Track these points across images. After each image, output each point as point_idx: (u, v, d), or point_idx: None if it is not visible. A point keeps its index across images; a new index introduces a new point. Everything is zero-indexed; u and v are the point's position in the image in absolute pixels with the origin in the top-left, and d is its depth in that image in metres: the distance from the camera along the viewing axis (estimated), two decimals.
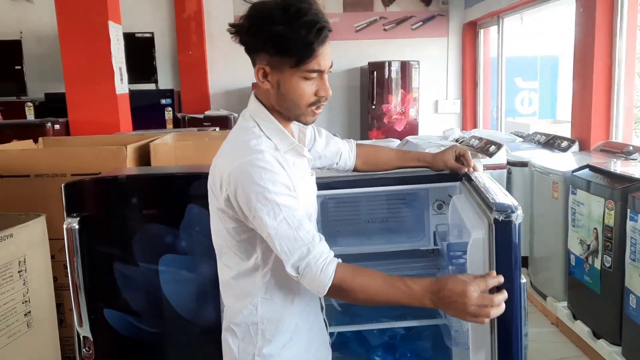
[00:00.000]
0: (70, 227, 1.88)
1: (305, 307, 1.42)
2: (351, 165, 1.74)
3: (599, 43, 3.90)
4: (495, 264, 1.28)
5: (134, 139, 2.92)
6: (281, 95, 1.31)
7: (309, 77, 1.29)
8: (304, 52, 1.25)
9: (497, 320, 1.28)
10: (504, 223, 1.26)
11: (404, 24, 7.22)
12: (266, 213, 1.23)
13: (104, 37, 3.89)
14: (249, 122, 1.36)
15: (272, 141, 1.32)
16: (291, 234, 1.24)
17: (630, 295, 2.54)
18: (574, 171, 3.14)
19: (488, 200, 1.35)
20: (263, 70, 1.30)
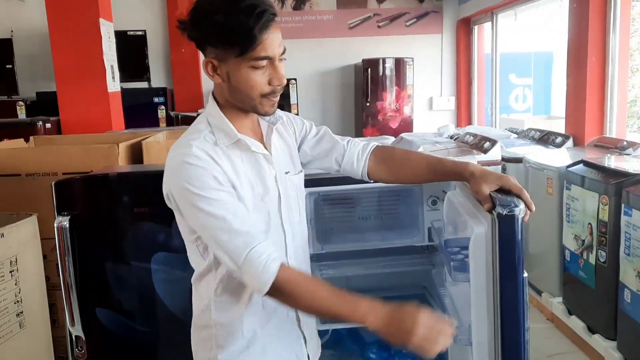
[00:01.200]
0: (61, 226, 1.86)
1: (266, 317, 1.35)
2: (360, 169, 1.51)
3: (592, 39, 3.91)
4: (498, 259, 1.27)
5: (126, 138, 2.90)
6: (232, 88, 1.26)
7: (258, 65, 1.22)
8: (245, 39, 1.18)
9: (501, 314, 1.28)
10: (507, 217, 1.25)
11: (397, 21, 7.21)
12: (196, 207, 1.19)
13: (95, 34, 3.86)
14: (199, 119, 1.33)
15: (215, 136, 1.27)
16: (225, 225, 1.19)
17: (625, 290, 2.54)
18: (569, 167, 3.14)
19: (490, 195, 1.34)
20: (211, 64, 1.25)
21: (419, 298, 2.25)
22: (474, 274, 1.35)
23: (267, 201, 1.32)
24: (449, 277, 1.78)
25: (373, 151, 1.52)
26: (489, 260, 1.31)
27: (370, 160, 1.51)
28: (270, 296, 1.21)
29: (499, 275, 1.28)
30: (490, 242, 1.29)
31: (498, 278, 1.28)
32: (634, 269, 2.47)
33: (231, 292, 1.32)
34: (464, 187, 1.67)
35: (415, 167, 1.49)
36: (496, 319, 1.31)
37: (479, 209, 1.39)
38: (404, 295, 2.24)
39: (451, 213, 1.76)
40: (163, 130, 3.49)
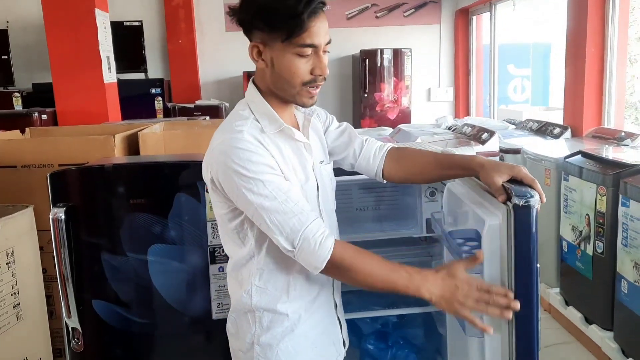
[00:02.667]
0: (57, 217, 1.85)
1: (310, 300, 1.38)
2: (375, 167, 1.52)
3: (591, 30, 3.89)
4: (514, 250, 1.26)
5: (122, 129, 2.88)
6: (275, 74, 1.27)
7: (303, 53, 1.23)
8: (293, 24, 1.19)
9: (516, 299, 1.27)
10: (523, 208, 1.24)
11: (395, 11, 7.18)
12: (249, 190, 1.20)
13: (91, 25, 3.83)
14: (241, 106, 1.34)
15: (260, 123, 1.29)
16: (279, 206, 1.20)
17: (622, 280, 2.54)
18: (566, 158, 3.13)
19: (504, 186, 1.33)
20: (257, 48, 1.26)
21: None
22: (488, 265, 1.34)
23: (307, 189, 1.34)
24: None
25: (389, 151, 1.54)
26: (503, 251, 1.30)
27: (386, 159, 1.53)
28: (328, 272, 1.23)
29: (514, 267, 1.26)
30: (505, 233, 1.28)
31: (513, 269, 1.27)
32: (631, 260, 2.48)
33: (274, 278, 1.34)
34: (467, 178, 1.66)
35: (425, 165, 1.50)
36: (511, 332, 1.29)
37: (488, 199, 1.38)
38: None
39: (452, 204, 1.76)
40: (160, 122, 3.47)
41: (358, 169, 1.56)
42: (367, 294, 2.22)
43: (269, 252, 1.32)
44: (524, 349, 1.29)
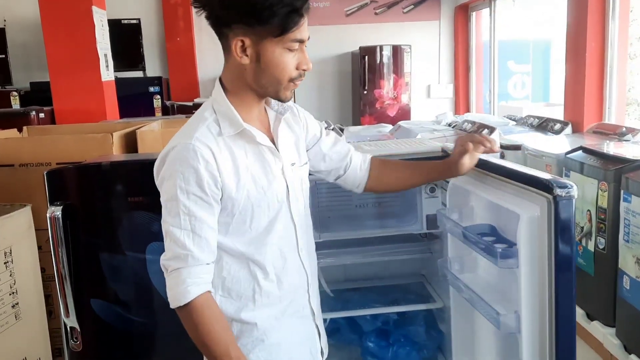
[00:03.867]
0: (54, 216, 1.83)
1: (282, 309, 1.35)
2: (362, 177, 1.54)
3: (591, 25, 3.88)
4: (554, 242, 1.25)
5: (120, 127, 2.87)
6: (260, 70, 1.23)
7: (292, 47, 1.22)
8: (289, 19, 1.18)
9: (557, 298, 1.27)
10: (565, 199, 1.23)
11: (395, 8, 7.15)
12: (168, 204, 1.22)
13: (88, 23, 3.81)
14: (205, 106, 1.30)
15: (220, 124, 1.25)
16: (178, 234, 1.20)
17: (624, 276, 2.53)
18: (567, 153, 3.11)
19: (538, 178, 1.32)
20: (242, 43, 1.21)
21: (418, 286, 2.24)
22: (525, 260, 1.33)
23: (273, 194, 1.30)
24: (454, 266, 1.77)
25: (371, 164, 1.56)
26: (544, 243, 1.29)
27: (370, 172, 1.55)
28: (179, 314, 1.23)
29: (554, 260, 1.26)
30: (547, 226, 1.27)
31: (554, 262, 1.26)
32: (633, 256, 2.46)
33: (237, 286, 1.31)
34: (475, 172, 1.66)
35: (400, 169, 1.58)
36: (550, 306, 1.29)
37: (518, 192, 1.36)
38: (402, 285, 2.23)
39: (460, 200, 1.74)
40: (158, 120, 3.45)
41: (342, 181, 1.56)
42: (367, 291, 2.21)
43: (230, 259, 1.29)
44: (564, 344, 1.28)
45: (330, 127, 4.60)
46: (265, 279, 1.31)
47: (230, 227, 1.27)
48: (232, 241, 1.28)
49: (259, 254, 1.29)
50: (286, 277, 1.34)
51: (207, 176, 1.19)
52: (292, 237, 1.36)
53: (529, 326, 1.35)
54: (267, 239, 1.30)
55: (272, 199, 1.29)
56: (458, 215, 1.74)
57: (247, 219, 1.27)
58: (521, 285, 1.35)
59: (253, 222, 1.28)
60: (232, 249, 1.28)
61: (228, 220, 1.26)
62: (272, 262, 1.31)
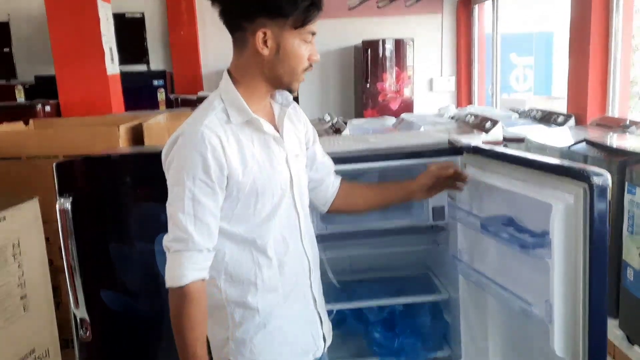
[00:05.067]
0: (63, 208, 1.85)
1: (284, 295, 1.38)
2: (330, 196, 1.59)
3: (595, 17, 3.86)
4: (589, 231, 1.25)
5: (126, 120, 2.88)
6: (279, 61, 1.29)
7: (307, 39, 1.30)
8: (309, 12, 1.26)
9: (591, 287, 1.28)
10: (602, 187, 1.23)
11: (397, 1, 7.12)
12: (174, 189, 1.26)
13: (93, 16, 3.81)
14: (213, 96, 1.35)
15: (228, 113, 1.30)
16: (181, 217, 1.25)
17: (628, 268, 2.54)
18: (571, 146, 3.11)
19: (572, 167, 1.32)
20: (264, 35, 1.27)
21: (423, 277, 2.25)
22: (559, 250, 1.33)
23: (277, 183, 1.34)
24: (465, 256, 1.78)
25: (340, 186, 1.61)
26: (579, 233, 1.28)
27: (337, 194, 1.60)
28: (170, 296, 1.27)
29: (589, 249, 1.26)
30: (582, 215, 1.26)
31: (588, 252, 1.26)
32: (637, 247, 2.47)
33: (239, 269, 1.34)
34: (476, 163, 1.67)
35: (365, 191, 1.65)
36: (585, 295, 1.30)
37: (544, 182, 1.37)
38: (408, 276, 2.25)
39: (471, 190, 1.75)
40: (164, 112, 3.47)
41: (314, 193, 1.57)
42: (373, 282, 2.23)
43: (233, 245, 1.33)
44: (596, 333, 1.29)
45: (334, 120, 4.60)
46: (267, 265, 1.35)
47: (235, 212, 1.31)
48: (236, 227, 1.32)
49: (261, 240, 1.34)
50: (288, 264, 1.38)
51: (213, 163, 1.24)
52: (296, 225, 1.41)
53: (561, 315, 1.36)
54: (270, 225, 1.34)
55: (276, 186, 1.34)
56: (469, 207, 1.76)
57: (251, 204, 1.31)
58: (554, 275, 1.34)
59: (257, 208, 1.32)
60: (235, 235, 1.32)
61: (232, 206, 1.30)
62: (274, 248, 1.35)
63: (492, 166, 1.65)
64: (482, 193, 1.76)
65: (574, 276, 1.33)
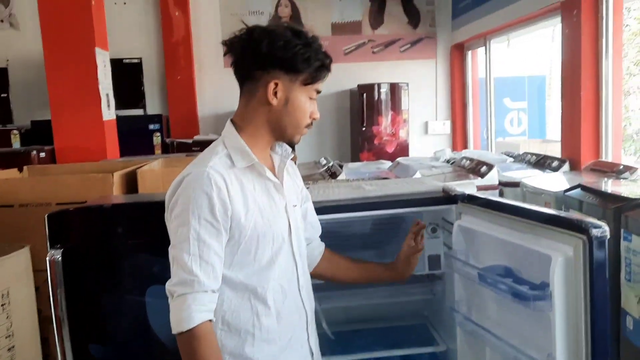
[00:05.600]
0: (54, 259, 1.82)
1: (281, 347, 1.37)
2: (314, 258, 1.62)
3: (585, 63, 3.94)
4: (589, 283, 1.25)
5: (120, 166, 2.88)
6: (286, 113, 1.36)
7: (313, 96, 1.40)
8: (320, 71, 1.36)
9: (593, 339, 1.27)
10: (601, 239, 1.23)
11: (392, 47, 7.27)
12: (178, 230, 1.27)
13: (91, 63, 3.86)
14: (216, 142, 1.40)
15: (232, 158, 1.34)
16: (186, 259, 1.25)
17: (627, 316, 2.50)
18: (566, 191, 3.12)
19: (570, 219, 1.32)
20: (275, 86, 1.33)
21: (420, 328, 2.21)
22: (560, 302, 1.32)
23: (277, 228, 1.37)
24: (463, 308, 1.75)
25: (324, 252, 1.65)
26: (580, 285, 1.28)
27: (321, 259, 1.63)
28: (178, 341, 1.25)
29: (590, 301, 1.26)
30: (582, 267, 1.27)
31: (589, 303, 1.26)
32: (635, 295, 2.44)
33: (237, 320, 1.34)
34: (471, 212, 1.66)
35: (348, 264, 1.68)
36: (587, 347, 1.29)
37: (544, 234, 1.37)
38: (404, 326, 2.21)
39: (468, 241, 1.74)
40: (158, 158, 3.47)
41: None
42: (369, 333, 2.18)
43: (232, 292, 1.33)
44: None
45: (330, 163, 4.62)
46: (266, 314, 1.34)
47: (235, 257, 1.32)
48: (236, 273, 1.32)
49: (261, 287, 1.34)
50: (286, 314, 1.38)
51: (218, 203, 1.26)
52: (294, 274, 1.42)
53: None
54: (270, 273, 1.35)
55: (276, 232, 1.36)
56: (465, 257, 1.74)
57: (252, 249, 1.32)
58: (556, 328, 1.33)
59: (257, 254, 1.33)
60: (235, 281, 1.32)
61: (234, 250, 1.31)
62: (273, 296, 1.35)
63: (487, 215, 1.64)
64: (477, 242, 1.74)
65: (575, 329, 1.31)
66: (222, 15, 6.97)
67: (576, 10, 3.95)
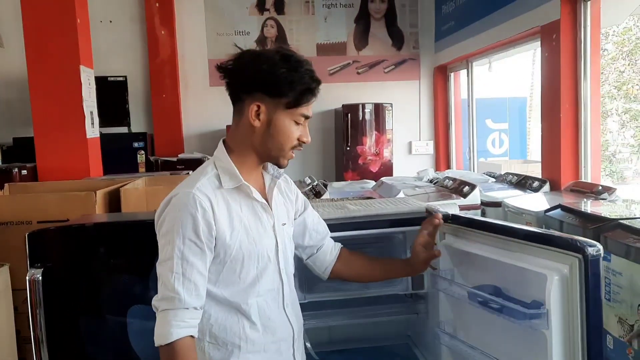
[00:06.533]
0: (33, 279, 1.79)
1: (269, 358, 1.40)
2: (330, 262, 1.65)
3: (564, 86, 4.03)
4: (585, 301, 1.27)
5: (103, 184, 2.86)
6: (269, 135, 1.38)
7: (299, 121, 1.39)
8: (304, 95, 1.36)
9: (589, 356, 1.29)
10: (596, 257, 1.26)
11: (376, 68, 7.37)
12: (164, 248, 1.31)
13: (75, 81, 3.85)
14: (207, 163, 1.43)
15: (220, 179, 1.37)
16: (169, 277, 1.29)
17: (607, 336, 2.53)
18: (547, 211, 3.16)
19: (566, 238, 1.34)
20: (257, 108, 1.35)
21: (404, 348, 2.21)
22: (556, 321, 1.34)
23: (263, 247, 1.40)
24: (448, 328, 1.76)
25: (340, 252, 1.68)
26: (575, 304, 1.30)
27: (338, 259, 1.66)
28: (161, 353, 1.29)
29: (586, 319, 1.28)
30: (577, 286, 1.29)
31: (585, 321, 1.28)
32: (615, 315, 2.47)
33: (224, 333, 1.37)
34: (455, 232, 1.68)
35: (368, 262, 1.71)
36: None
37: (538, 253, 1.39)
38: (388, 346, 2.20)
39: (456, 260, 1.75)
40: (142, 177, 3.45)
41: (312, 261, 1.66)
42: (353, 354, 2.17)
43: (218, 307, 1.37)
44: None
45: (314, 182, 4.63)
46: (251, 328, 1.38)
47: (221, 276, 1.36)
48: (221, 290, 1.36)
49: (245, 304, 1.37)
50: (272, 328, 1.41)
51: (203, 224, 1.30)
52: (279, 292, 1.44)
53: None
54: (254, 290, 1.38)
55: (262, 252, 1.39)
56: (451, 277, 1.75)
57: (237, 268, 1.36)
58: (553, 345, 1.35)
59: (242, 272, 1.36)
60: (221, 298, 1.36)
61: (219, 269, 1.35)
62: (257, 312, 1.39)
63: (472, 235, 1.66)
64: (463, 262, 1.76)
65: (572, 346, 1.33)
66: (207, 35, 7.02)
67: (555, 34, 4.05)
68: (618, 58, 7.63)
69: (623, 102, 7.55)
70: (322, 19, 7.26)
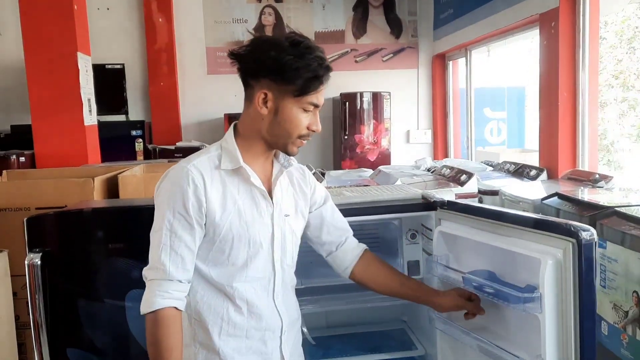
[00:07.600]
0: (32, 263, 1.81)
1: (249, 342, 1.41)
2: (350, 261, 1.61)
3: (562, 75, 4.03)
4: (578, 285, 1.30)
5: (101, 171, 2.86)
6: (276, 123, 1.36)
7: (307, 109, 1.36)
8: (311, 83, 1.33)
9: (582, 339, 1.32)
10: (590, 242, 1.28)
11: (374, 56, 7.35)
12: (157, 220, 1.34)
13: (73, 68, 3.83)
14: (215, 144, 1.43)
15: (222, 159, 1.38)
16: (157, 247, 1.32)
17: (602, 322, 2.55)
18: (544, 199, 3.18)
19: (560, 223, 1.36)
20: (265, 95, 1.34)
21: (399, 332, 2.23)
22: (550, 304, 1.36)
23: (255, 233, 1.39)
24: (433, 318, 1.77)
25: (363, 253, 1.64)
26: (569, 288, 1.32)
27: (359, 260, 1.62)
28: (146, 322, 1.32)
29: (579, 302, 1.30)
30: (571, 270, 1.31)
31: (579, 304, 1.30)
32: (610, 301, 2.49)
33: (209, 310, 1.38)
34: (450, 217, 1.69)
35: (389, 276, 1.64)
36: (576, 348, 1.33)
37: (533, 238, 1.41)
38: (384, 330, 2.23)
39: (451, 246, 1.76)
40: (140, 164, 3.45)
41: (332, 258, 1.63)
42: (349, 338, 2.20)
43: (205, 284, 1.38)
44: None
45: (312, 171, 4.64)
46: (236, 311, 1.38)
47: (210, 254, 1.37)
48: (209, 269, 1.37)
49: (230, 287, 1.37)
50: (257, 316, 1.40)
51: (193, 199, 1.31)
52: (270, 282, 1.43)
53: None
54: (242, 275, 1.38)
55: (254, 237, 1.38)
56: (446, 262, 1.77)
57: (226, 249, 1.36)
58: (546, 329, 1.37)
59: (231, 255, 1.37)
60: (208, 276, 1.37)
61: (209, 247, 1.36)
62: (244, 298, 1.38)
63: (467, 221, 1.67)
64: (458, 248, 1.77)
65: (564, 329, 1.36)
66: (205, 22, 6.98)
67: (554, 22, 4.04)
68: (617, 46, 7.62)
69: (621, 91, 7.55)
70: (320, 6, 7.22)
